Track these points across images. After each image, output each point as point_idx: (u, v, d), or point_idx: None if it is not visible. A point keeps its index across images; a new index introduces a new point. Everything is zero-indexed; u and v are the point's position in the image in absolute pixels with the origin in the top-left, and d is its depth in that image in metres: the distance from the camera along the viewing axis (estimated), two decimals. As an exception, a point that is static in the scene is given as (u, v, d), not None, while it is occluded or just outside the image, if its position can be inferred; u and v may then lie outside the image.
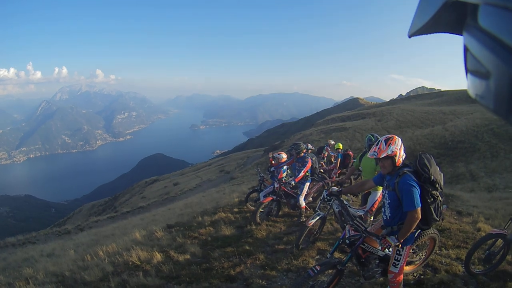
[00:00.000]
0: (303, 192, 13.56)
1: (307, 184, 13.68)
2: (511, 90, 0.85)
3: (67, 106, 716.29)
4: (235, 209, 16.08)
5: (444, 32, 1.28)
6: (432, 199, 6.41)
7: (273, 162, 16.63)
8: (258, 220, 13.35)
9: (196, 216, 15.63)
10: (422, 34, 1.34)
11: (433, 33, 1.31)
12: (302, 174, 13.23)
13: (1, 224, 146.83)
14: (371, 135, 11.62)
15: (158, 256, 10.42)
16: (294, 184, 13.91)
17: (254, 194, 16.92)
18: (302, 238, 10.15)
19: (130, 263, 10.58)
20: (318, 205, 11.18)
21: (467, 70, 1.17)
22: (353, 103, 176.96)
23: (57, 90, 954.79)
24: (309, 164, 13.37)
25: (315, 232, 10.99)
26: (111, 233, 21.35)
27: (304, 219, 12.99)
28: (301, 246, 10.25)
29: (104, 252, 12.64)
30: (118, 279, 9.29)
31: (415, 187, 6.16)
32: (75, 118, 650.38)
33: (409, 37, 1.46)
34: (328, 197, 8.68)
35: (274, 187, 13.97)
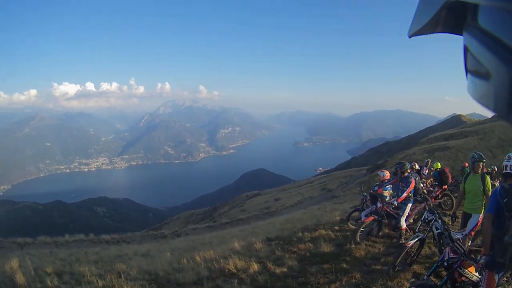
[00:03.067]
0: (404, 213, 13.26)
1: (409, 205, 13.35)
2: (511, 90, 0.84)
3: (170, 119, 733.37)
4: (336, 227, 15.93)
5: (444, 32, 1.27)
6: None
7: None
8: (358, 239, 13.15)
9: (297, 231, 15.57)
10: (422, 34, 1.33)
11: (433, 33, 1.30)
12: (405, 194, 12.96)
13: (97, 223, 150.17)
14: (475, 153, 11.27)
15: (255, 266, 10.55)
16: (396, 205, 13.54)
17: (356, 213, 16.79)
18: (399, 259, 9.95)
19: (226, 270, 10.76)
20: (418, 227, 11.00)
21: (467, 70, 1.16)
22: (455, 120, 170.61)
23: (160, 104, 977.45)
24: (412, 185, 13.10)
25: (412, 254, 10.67)
26: (208, 241, 21.64)
27: (404, 241, 12.47)
28: (397, 268, 10.03)
29: (201, 257, 12.92)
30: (212, 284, 9.50)
31: None
32: (178, 131, 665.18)
33: (409, 37, 1.43)
34: (429, 218, 8.57)
35: (376, 206, 13.78)
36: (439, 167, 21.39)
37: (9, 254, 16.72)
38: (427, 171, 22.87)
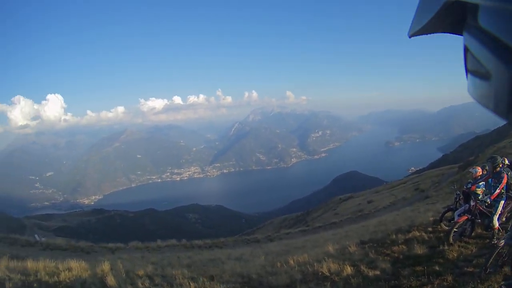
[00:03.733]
0: (497, 211, 12.56)
1: (502, 202, 12.63)
2: (511, 90, 0.84)
3: (260, 126, 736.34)
4: (429, 228, 15.47)
5: (444, 32, 1.29)
6: None
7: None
8: (451, 240, 12.67)
9: (390, 233, 15.27)
10: (422, 34, 1.35)
11: (433, 33, 1.32)
12: (498, 191, 12.40)
13: (189, 229, 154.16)
14: None
15: (348, 269, 10.41)
16: (489, 202, 12.99)
17: (449, 213, 16.19)
18: (491, 261, 9.50)
19: (320, 273, 10.67)
20: (510, 225, 10.52)
21: (467, 70, 1.17)
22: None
23: (249, 112, 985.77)
24: (504, 180, 12.51)
25: (504, 255, 10.03)
26: (302, 245, 21.59)
27: (496, 241, 11.41)
28: (488, 270, 9.53)
29: (295, 261, 12.86)
30: (305, 287, 9.37)
31: None
32: (269, 137, 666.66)
33: (410, 37, 1.46)
34: None
35: (469, 205, 13.30)
36: None
37: (100, 258, 16.95)
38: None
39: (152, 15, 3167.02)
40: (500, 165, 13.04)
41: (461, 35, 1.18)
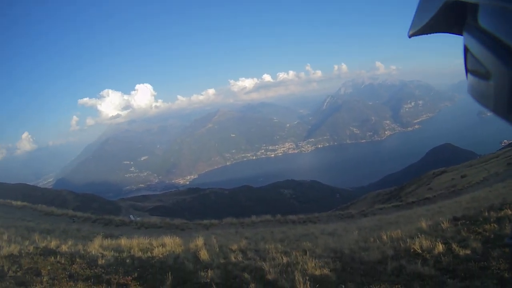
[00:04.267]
0: None
1: None
2: (511, 90, 0.85)
3: (352, 99, 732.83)
4: (522, 207, 14.81)
5: (444, 32, 1.29)
6: None
7: None
8: None
9: (483, 210, 14.73)
10: (422, 34, 1.35)
11: (433, 33, 1.32)
12: None
13: (284, 204, 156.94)
14: None
15: (440, 247, 10.05)
16: None
17: None
18: None
19: (412, 250, 10.39)
20: None
21: (467, 70, 1.17)
22: None
23: (340, 85, 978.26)
24: None
25: None
26: (395, 220, 21.40)
27: None
28: None
29: (388, 236, 12.68)
30: (395, 264, 9.16)
31: None
32: (361, 110, 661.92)
33: (409, 37, 1.46)
34: None
35: None
36: None
37: (194, 235, 17.18)
38: None
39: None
40: None
41: (461, 35, 1.17)
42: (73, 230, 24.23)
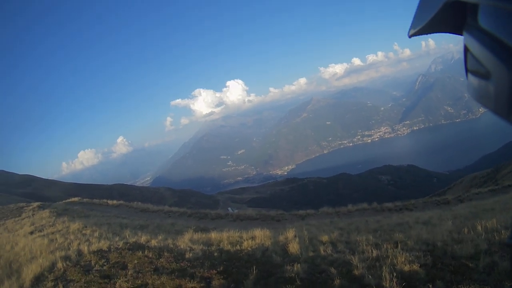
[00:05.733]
0: None
1: None
2: (511, 90, 0.85)
3: (443, 76, 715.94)
4: None
5: (444, 32, 1.29)
6: None
7: None
8: None
9: None
10: (422, 34, 1.35)
11: (433, 33, 1.32)
12: None
13: (381, 191, 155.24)
14: None
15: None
16: None
17: None
18: None
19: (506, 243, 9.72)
20: None
21: (467, 70, 1.18)
22: None
23: (430, 62, 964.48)
24: None
25: None
26: (491, 207, 20.40)
27: None
28: None
29: (483, 227, 12.10)
30: (488, 260, 8.57)
31: None
32: (453, 86, 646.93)
33: (409, 37, 1.46)
34: None
35: None
36: None
37: (288, 226, 17.38)
38: None
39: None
40: None
41: (461, 35, 1.18)
42: (167, 225, 24.69)
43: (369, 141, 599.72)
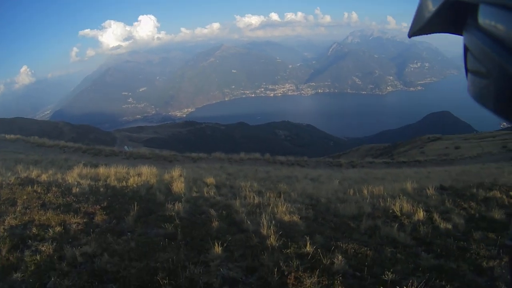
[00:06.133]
0: None
1: None
2: (511, 90, 0.85)
3: (358, 49, 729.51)
4: (511, 193, 14.58)
5: (444, 32, 1.29)
6: None
7: None
8: None
9: (472, 186, 14.41)
10: (422, 34, 1.34)
11: (433, 33, 1.31)
12: None
13: (277, 145, 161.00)
14: None
15: (420, 214, 9.93)
16: None
17: None
18: None
19: (390, 211, 10.32)
20: None
21: (467, 70, 1.16)
22: None
23: (348, 33, 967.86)
24: None
25: None
26: (381, 176, 21.63)
27: None
28: None
29: (369, 191, 12.61)
30: (370, 223, 9.07)
31: None
32: (367, 61, 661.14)
33: (409, 37, 1.46)
34: None
35: None
36: None
37: (179, 166, 17.33)
38: None
39: None
40: None
41: (461, 35, 1.18)
42: (61, 160, 24.77)
43: (272, 95, 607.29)
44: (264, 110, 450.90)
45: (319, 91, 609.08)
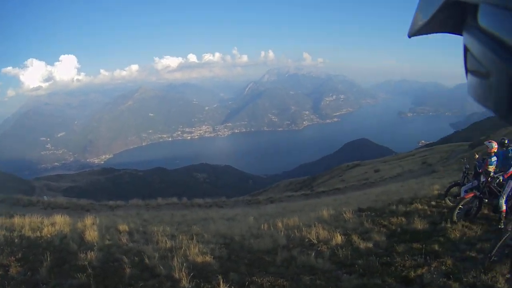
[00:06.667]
0: (506, 191, 11.67)
1: (511, 182, 11.94)
2: (511, 90, 0.85)
3: (275, 87, 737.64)
4: (433, 202, 15.06)
5: (444, 32, 1.28)
6: None
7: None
8: (455, 218, 11.93)
9: (391, 203, 14.95)
10: (422, 34, 1.34)
11: (433, 33, 1.31)
12: None
13: (196, 188, 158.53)
14: None
15: (338, 238, 10.11)
16: (501, 181, 12.27)
17: (455, 189, 15.79)
18: (496, 248, 8.49)
19: (306, 240, 10.45)
20: None
21: (467, 70, 1.16)
22: None
23: (265, 72, 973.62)
24: None
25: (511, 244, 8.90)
26: (299, 208, 21.69)
27: (503, 226, 10.86)
28: (493, 258, 8.49)
29: (284, 224, 12.77)
30: (286, 254, 9.11)
31: None
32: (283, 98, 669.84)
33: (409, 37, 1.45)
34: None
35: (478, 181, 12.63)
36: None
37: (95, 215, 17.47)
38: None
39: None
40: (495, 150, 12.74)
41: (461, 35, 1.18)
42: None
43: (189, 138, 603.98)
44: (181, 154, 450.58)
45: (236, 131, 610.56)
